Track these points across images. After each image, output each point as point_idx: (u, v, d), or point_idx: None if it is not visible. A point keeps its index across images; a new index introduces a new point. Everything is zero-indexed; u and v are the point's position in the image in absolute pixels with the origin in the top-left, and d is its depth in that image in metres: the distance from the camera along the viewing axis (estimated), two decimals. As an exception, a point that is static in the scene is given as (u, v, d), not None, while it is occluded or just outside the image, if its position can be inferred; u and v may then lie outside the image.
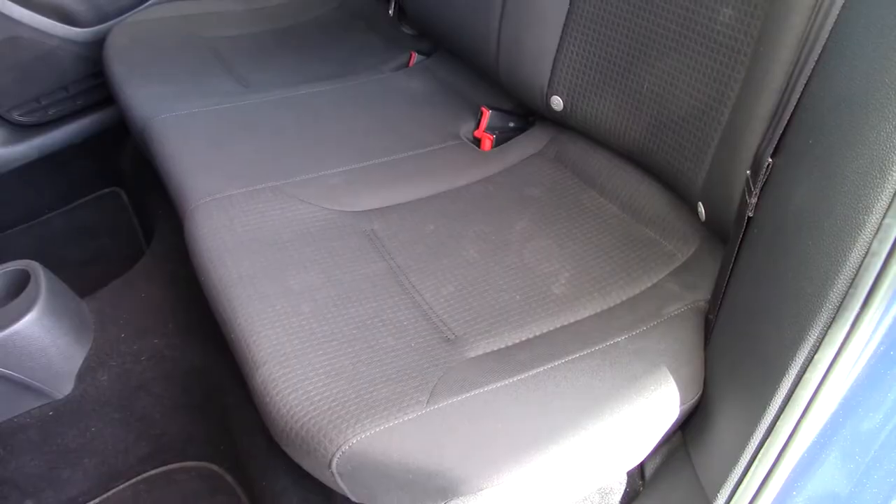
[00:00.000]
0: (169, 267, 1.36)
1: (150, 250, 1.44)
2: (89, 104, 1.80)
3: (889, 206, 0.60)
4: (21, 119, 1.69)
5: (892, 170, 0.60)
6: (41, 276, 1.14)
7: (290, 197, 1.09)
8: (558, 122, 1.25)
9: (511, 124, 1.33)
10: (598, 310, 0.93)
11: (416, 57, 1.59)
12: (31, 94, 1.69)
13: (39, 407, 1.17)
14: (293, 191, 1.10)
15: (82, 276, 1.45)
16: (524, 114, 1.35)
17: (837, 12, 0.71)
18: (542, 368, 0.80)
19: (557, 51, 1.16)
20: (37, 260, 1.18)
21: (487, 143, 1.28)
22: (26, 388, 1.13)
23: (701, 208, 0.96)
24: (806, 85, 0.73)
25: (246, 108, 1.33)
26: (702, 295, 0.93)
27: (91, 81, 1.77)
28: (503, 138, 1.31)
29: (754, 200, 0.77)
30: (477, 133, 1.31)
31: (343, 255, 1.00)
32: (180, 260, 1.22)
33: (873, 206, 0.61)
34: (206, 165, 1.15)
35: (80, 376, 1.19)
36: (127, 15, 1.75)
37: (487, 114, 1.30)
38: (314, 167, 1.17)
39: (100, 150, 1.85)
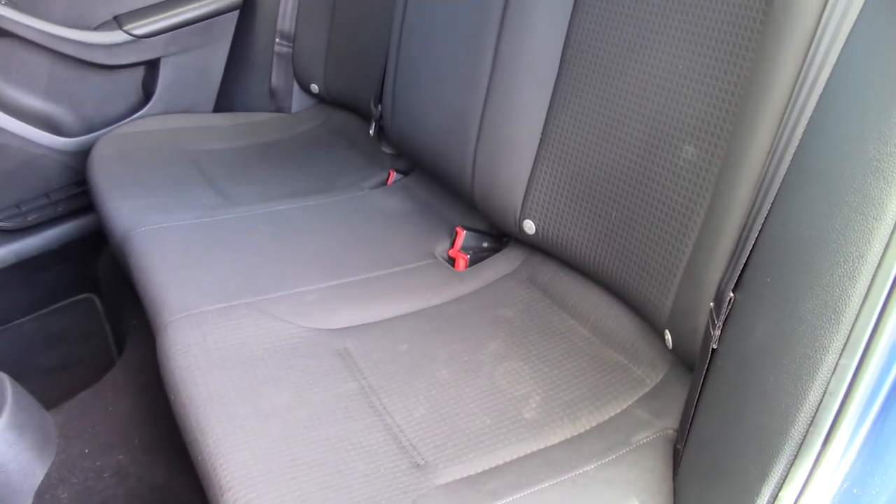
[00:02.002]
0: (139, 379, 1.35)
1: (121, 361, 1.43)
2: (70, 211, 1.82)
3: (844, 347, 0.62)
4: (0, 224, 1.70)
5: (846, 311, 0.63)
6: (7, 388, 1.12)
7: (264, 314, 1.10)
8: (531, 245, 1.29)
9: (485, 244, 1.37)
10: (569, 435, 0.93)
11: (394, 175, 1.64)
12: (13, 200, 1.71)
13: (-7, 525, 1.14)
14: (268, 307, 1.11)
15: (51, 383, 1.44)
16: (498, 234, 1.39)
17: (791, 158, 0.76)
18: (511, 498, 0.80)
19: (530, 177, 1.21)
20: (6, 366, 1.17)
21: (462, 263, 1.31)
22: (-20, 505, 1.10)
23: (668, 336, 0.98)
24: (763, 224, 0.77)
25: (225, 223, 1.36)
26: (670, 422, 0.93)
27: (73, 189, 1.80)
28: (477, 258, 1.34)
29: (717, 333, 0.80)
30: (451, 252, 1.34)
31: (315, 373, 1.00)
32: (151, 372, 1.21)
33: (829, 347, 0.63)
34: (182, 280, 1.16)
35: (40, 494, 1.16)
36: (113, 126, 1.80)
37: (462, 234, 1.34)
38: (290, 284, 1.18)
39: (77, 256, 1.85)
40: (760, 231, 0.77)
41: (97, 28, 1.76)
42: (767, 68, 0.82)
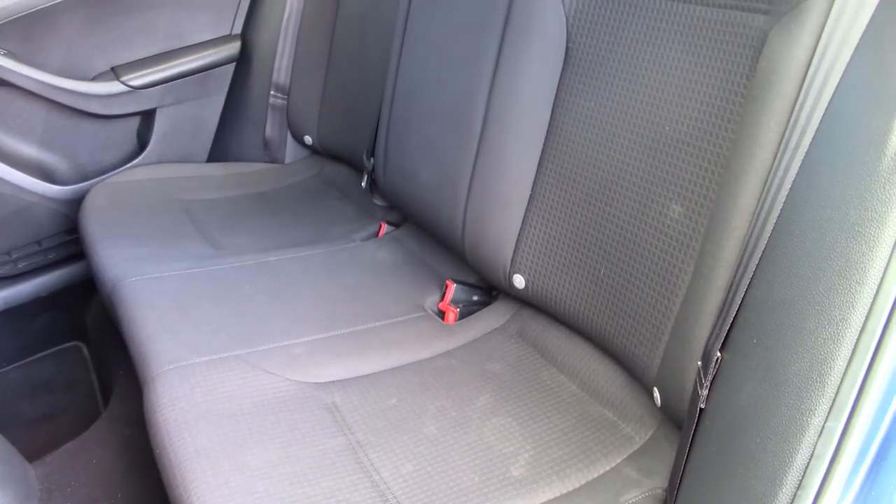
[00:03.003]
0: (124, 431, 1.33)
1: (106, 411, 1.41)
2: (60, 259, 1.82)
3: (830, 410, 0.63)
4: (-11, 272, 1.70)
5: (831, 374, 0.63)
6: (-10, 440, 1.11)
7: (253, 367, 1.09)
8: (520, 299, 1.29)
9: (475, 297, 1.37)
10: (557, 494, 0.93)
11: (385, 227, 1.65)
12: (4, 247, 1.71)
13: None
14: (256, 360, 1.11)
15: (35, 434, 1.42)
16: (488, 287, 1.40)
17: (775, 220, 0.77)
18: (498, 559, 0.79)
19: (520, 232, 1.22)
20: None
21: (451, 317, 1.31)
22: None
23: (656, 394, 0.98)
24: (749, 285, 0.78)
25: (216, 273, 1.36)
26: (659, 482, 0.93)
27: (65, 237, 1.80)
28: (467, 311, 1.34)
29: (705, 392, 0.80)
30: (441, 305, 1.34)
31: (302, 428, 0.99)
32: (137, 424, 1.20)
33: (816, 409, 0.63)
34: (171, 332, 1.16)
35: (18, 549, 1.14)
36: (107, 175, 1.81)
37: (452, 287, 1.34)
38: (279, 336, 1.18)
39: (65, 303, 1.85)
40: (746, 292, 0.78)
41: (94, 78, 1.78)
42: (751, 132, 0.84)
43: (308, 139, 1.96)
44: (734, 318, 0.78)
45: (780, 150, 0.80)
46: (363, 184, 1.73)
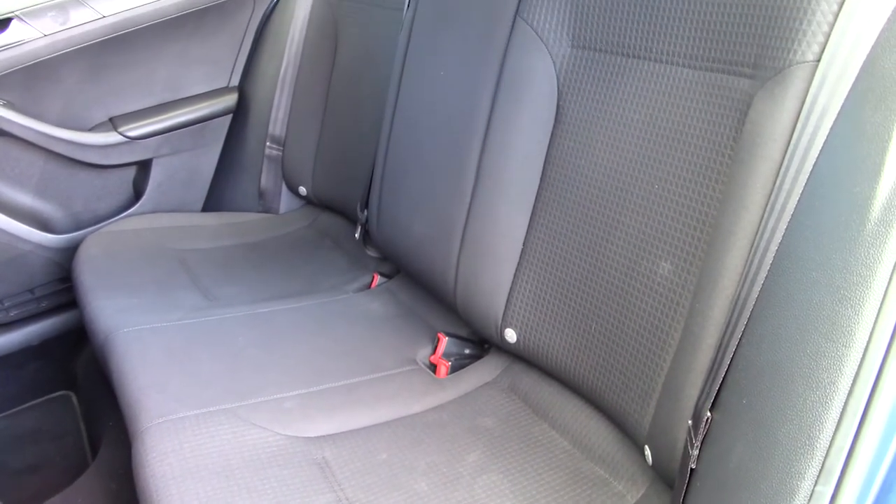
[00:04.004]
0: (111, 485, 1.32)
1: (94, 464, 1.40)
2: (52, 307, 1.81)
3: (819, 474, 0.63)
4: (-20, 321, 1.70)
5: (820, 438, 0.63)
6: (-27, 494, 1.09)
7: (243, 421, 1.09)
8: (512, 353, 1.29)
9: (467, 351, 1.37)
10: (548, 554, 0.92)
11: (378, 279, 1.66)
12: (-4, 295, 1.71)
13: None
14: (247, 414, 1.10)
15: (20, 486, 1.40)
16: (480, 341, 1.40)
17: (762, 281, 0.78)
18: None
19: (511, 287, 1.23)
20: None
21: (443, 370, 1.31)
22: None
23: (648, 452, 0.98)
24: (738, 346, 0.78)
25: (208, 325, 1.36)
26: (651, 542, 0.92)
27: (58, 286, 1.80)
28: (459, 364, 1.34)
29: (696, 453, 0.80)
30: (433, 358, 1.34)
31: (292, 484, 0.98)
32: (124, 477, 1.19)
33: (805, 473, 0.63)
34: (162, 384, 1.15)
35: None
36: (102, 224, 1.82)
37: (444, 340, 1.34)
38: (270, 389, 1.18)
39: (56, 352, 1.84)
40: (735, 352, 0.78)
41: (93, 129, 1.80)
42: (738, 193, 0.86)
43: (303, 190, 1.97)
44: (723, 379, 0.79)
45: (767, 212, 0.81)
46: (357, 235, 1.74)
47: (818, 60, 0.80)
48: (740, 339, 0.78)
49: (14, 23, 1.59)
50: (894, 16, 0.73)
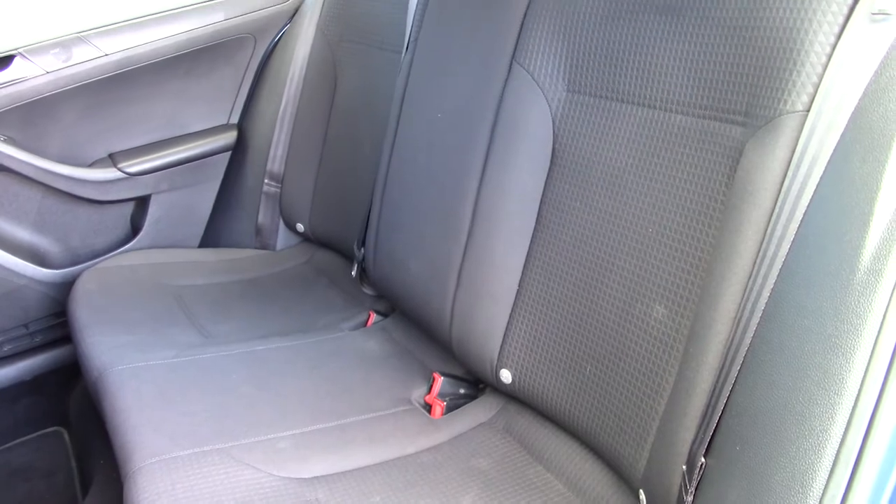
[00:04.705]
0: (101, 525, 1.30)
1: (84, 503, 1.38)
2: (46, 342, 1.81)
3: (813, 521, 0.63)
4: (-26, 356, 1.69)
5: (813, 485, 0.64)
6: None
7: (236, 461, 1.08)
8: (507, 394, 1.29)
9: (462, 390, 1.37)
10: None
11: (374, 317, 1.66)
12: (-10, 330, 1.71)
13: None
14: (240, 455, 1.10)
15: (8, 525, 1.38)
16: (475, 381, 1.40)
17: (755, 327, 0.79)
18: None
19: (507, 327, 1.24)
20: None
21: (438, 410, 1.31)
22: None
23: (642, 496, 0.98)
24: (731, 391, 0.79)
25: (203, 363, 1.35)
26: (646, 588, 0.91)
27: (52, 321, 1.79)
28: (454, 405, 1.33)
29: (690, 499, 0.80)
30: (428, 398, 1.34)
31: (284, 527, 0.98)
32: (114, 517, 1.18)
33: (798, 521, 0.64)
34: (155, 423, 1.15)
35: None
36: (99, 259, 1.82)
37: (439, 380, 1.34)
38: (264, 430, 1.17)
39: (49, 388, 1.83)
40: (729, 398, 0.79)
41: (92, 165, 1.82)
42: (731, 240, 0.87)
43: (300, 227, 1.98)
44: (717, 424, 0.79)
45: (759, 259, 0.82)
46: (353, 272, 1.75)
47: (808, 110, 0.82)
48: (734, 385, 0.79)
49: (17, 59, 1.61)
50: (882, 68, 0.74)
